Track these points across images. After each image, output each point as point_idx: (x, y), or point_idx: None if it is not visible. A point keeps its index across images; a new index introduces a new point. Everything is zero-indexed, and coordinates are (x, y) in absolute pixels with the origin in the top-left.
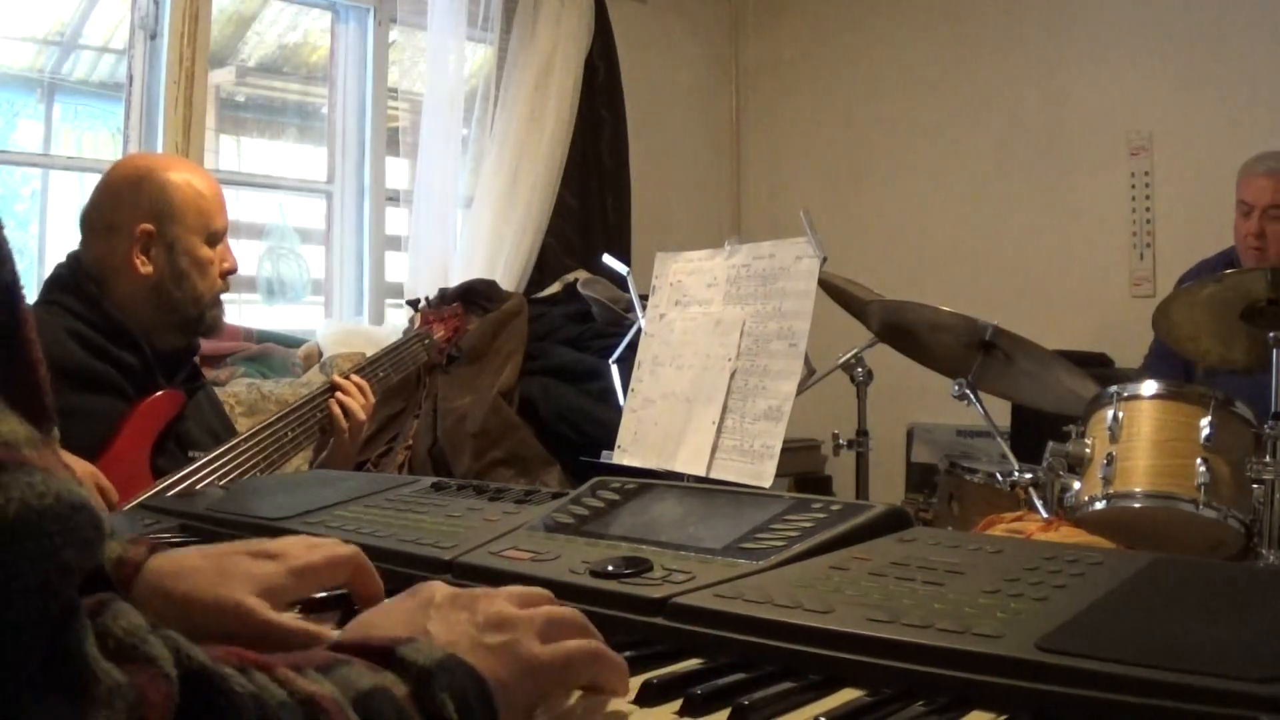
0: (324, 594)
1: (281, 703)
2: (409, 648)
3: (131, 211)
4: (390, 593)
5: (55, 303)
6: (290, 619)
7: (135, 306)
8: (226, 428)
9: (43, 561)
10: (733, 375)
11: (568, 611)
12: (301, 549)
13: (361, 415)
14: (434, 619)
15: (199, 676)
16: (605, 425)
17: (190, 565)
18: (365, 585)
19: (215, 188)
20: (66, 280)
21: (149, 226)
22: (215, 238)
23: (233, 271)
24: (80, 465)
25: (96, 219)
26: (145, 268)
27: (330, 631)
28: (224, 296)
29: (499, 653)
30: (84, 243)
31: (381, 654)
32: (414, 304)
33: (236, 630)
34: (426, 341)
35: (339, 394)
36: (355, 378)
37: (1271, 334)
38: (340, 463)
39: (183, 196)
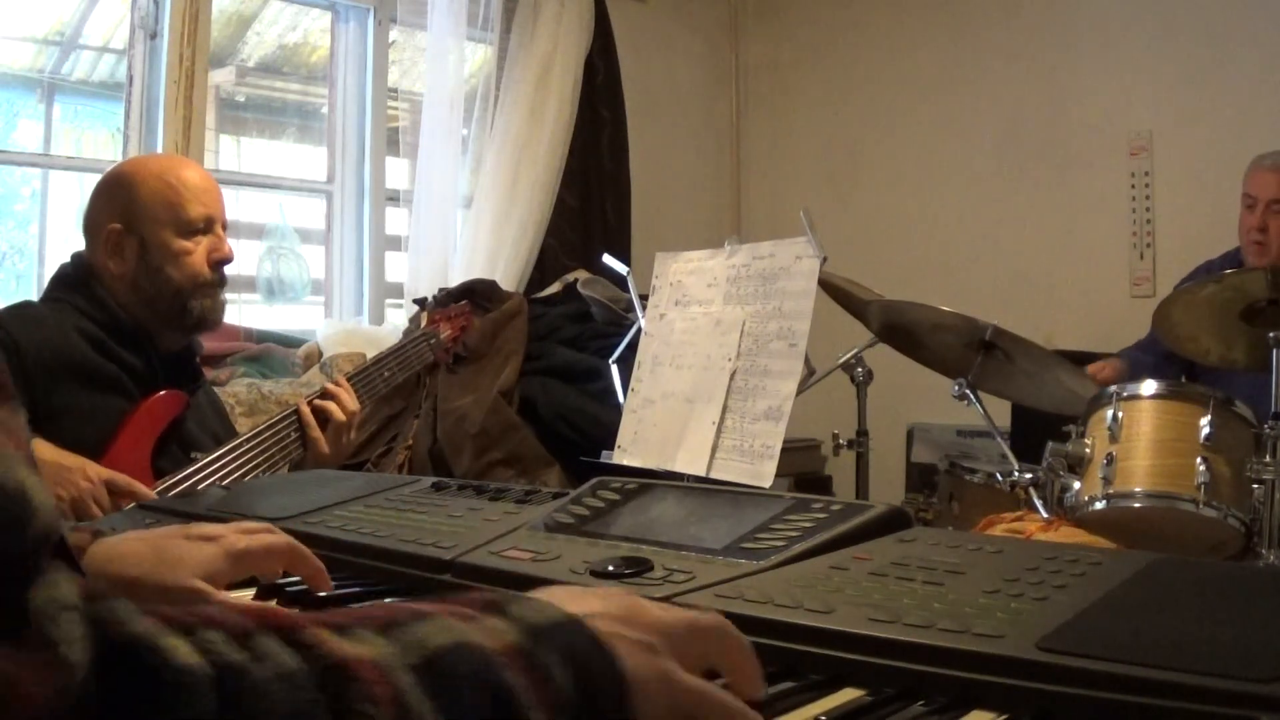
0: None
1: (280, 673)
2: (521, 604)
3: (103, 213)
4: (391, 593)
5: (62, 300)
6: (243, 600)
7: (128, 307)
8: (226, 428)
9: None
10: (733, 375)
11: (719, 645)
12: (237, 534)
13: (340, 417)
14: (590, 599)
15: (126, 653)
16: (605, 425)
17: (130, 550)
18: (303, 568)
19: (197, 180)
20: (71, 278)
21: (116, 225)
22: (190, 227)
23: (226, 260)
24: (90, 467)
25: (85, 223)
26: (119, 267)
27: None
28: (224, 295)
29: (634, 646)
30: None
31: (488, 604)
32: (421, 303)
33: None
34: (433, 341)
35: (317, 400)
36: (338, 379)
37: (1271, 334)
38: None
39: (150, 191)
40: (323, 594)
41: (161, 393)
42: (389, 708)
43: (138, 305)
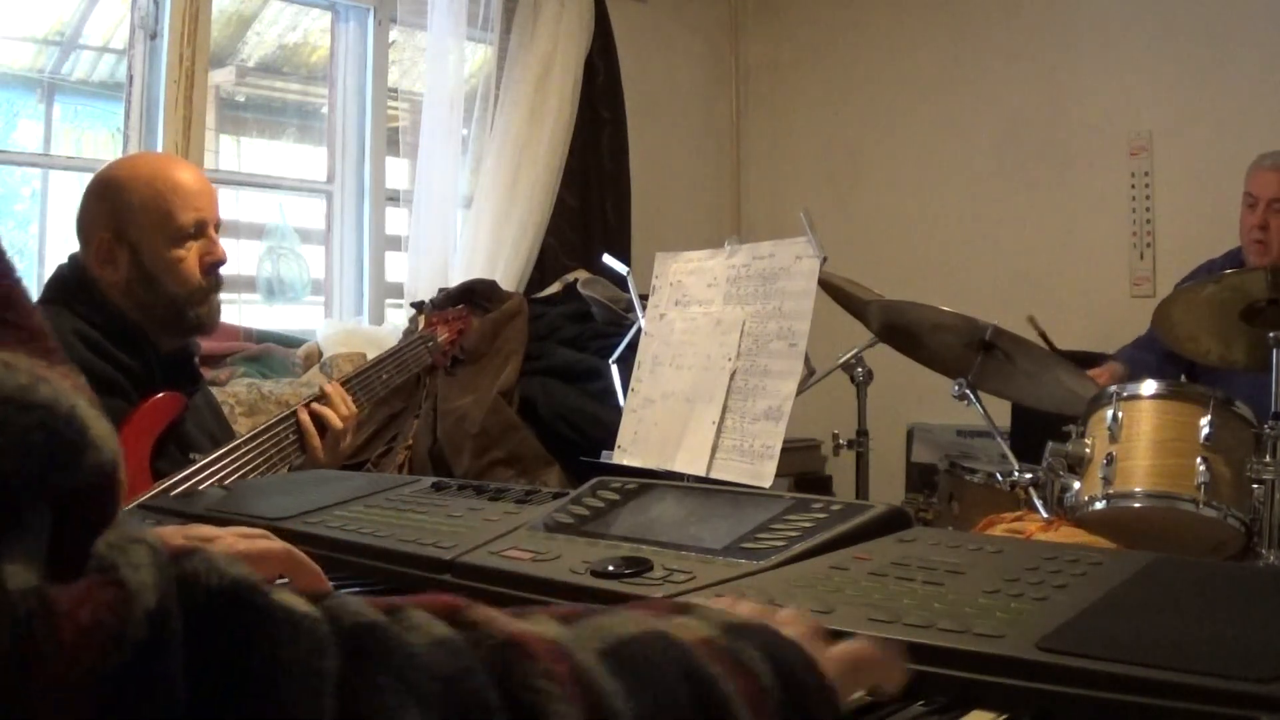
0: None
1: (436, 639)
2: (708, 608)
3: (94, 221)
4: (390, 593)
5: (58, 302)
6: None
7: (124, 310)
8: (225, 430)
9: None
10: (733, 375)
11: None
12: (234, 538)
13: (337, 424)
14: (767, 614)
15: (216, 593)
16: (605, 425)
17: None
18: (301, 576)
19: (190, 183)
20: (67, 280)
21: (106, 235)
22: (181, 235)
23: (219, 263)
24: None
25: (78, 228)
26: (112, 275)
27: None
28: (224, 296)
29: (826, 660)
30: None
31: (674, 608)
32: (418, 306)
33: None
34: (430, 344)
35: (314, 404)
36: (333, 383)
37: (1271, 334)
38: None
39: (140, 199)
40: None
41: (160, 394)
42: (570, 685)
43: (134, 309)
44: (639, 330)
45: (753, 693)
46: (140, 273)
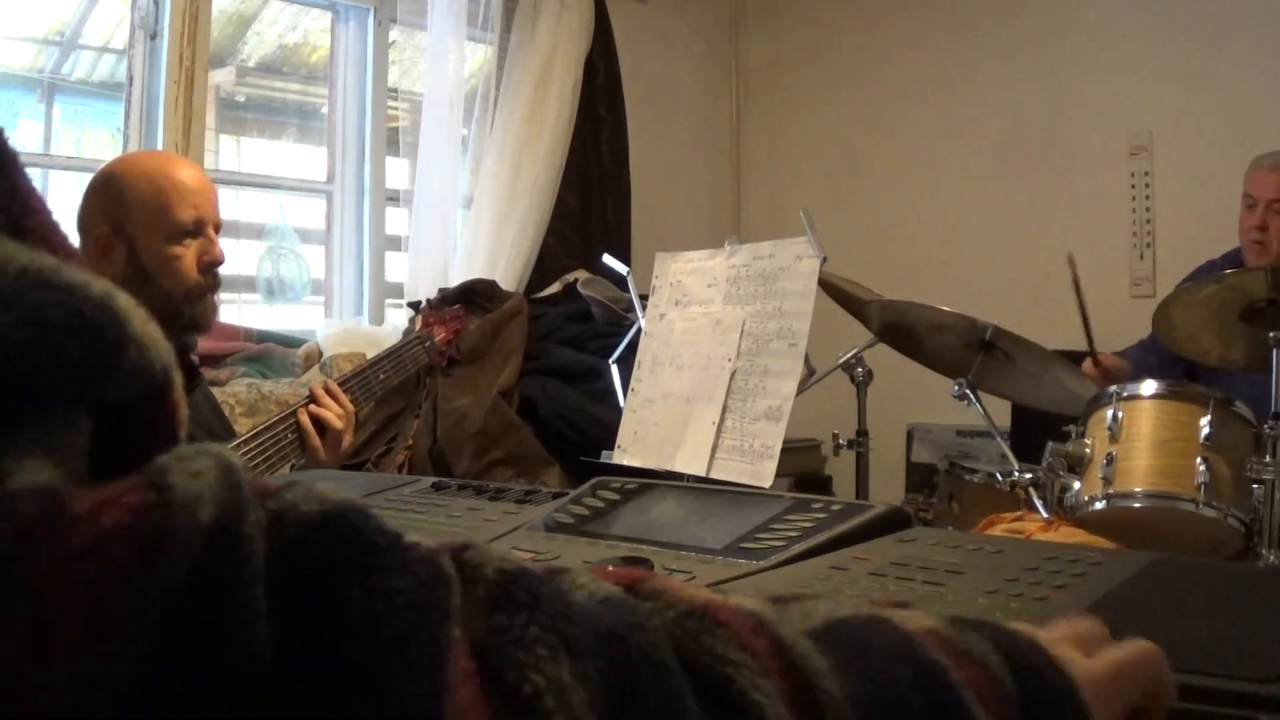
0: None
1: (604, 597)
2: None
3: (93, 215)
4: None
5: None
6: None
7: None
8: (224, 427)
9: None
10: (733, 375)
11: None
12: None
13: (337, 424)
14: None
15: (337, 520)
16: (605, 425)
17: None
18: None
19: (189, 181)
20: None
21: (105, 229)
22: (179, 232)
23: (217, 263)
24: None
25: (77, 223)
26: (109, 270)
27: None
28: (224, 296)
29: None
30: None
31: (894, 601)
32: (415, 306)
33: None
34: (427, 344)
35: (311, 406)
36: (330, 384)
37: (1271, 334)
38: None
39: (138, 194)
40: None
41: None
42: (769, 659)
43: None
44: (639, 330)
45: (984, 685)
46: (136, 269)
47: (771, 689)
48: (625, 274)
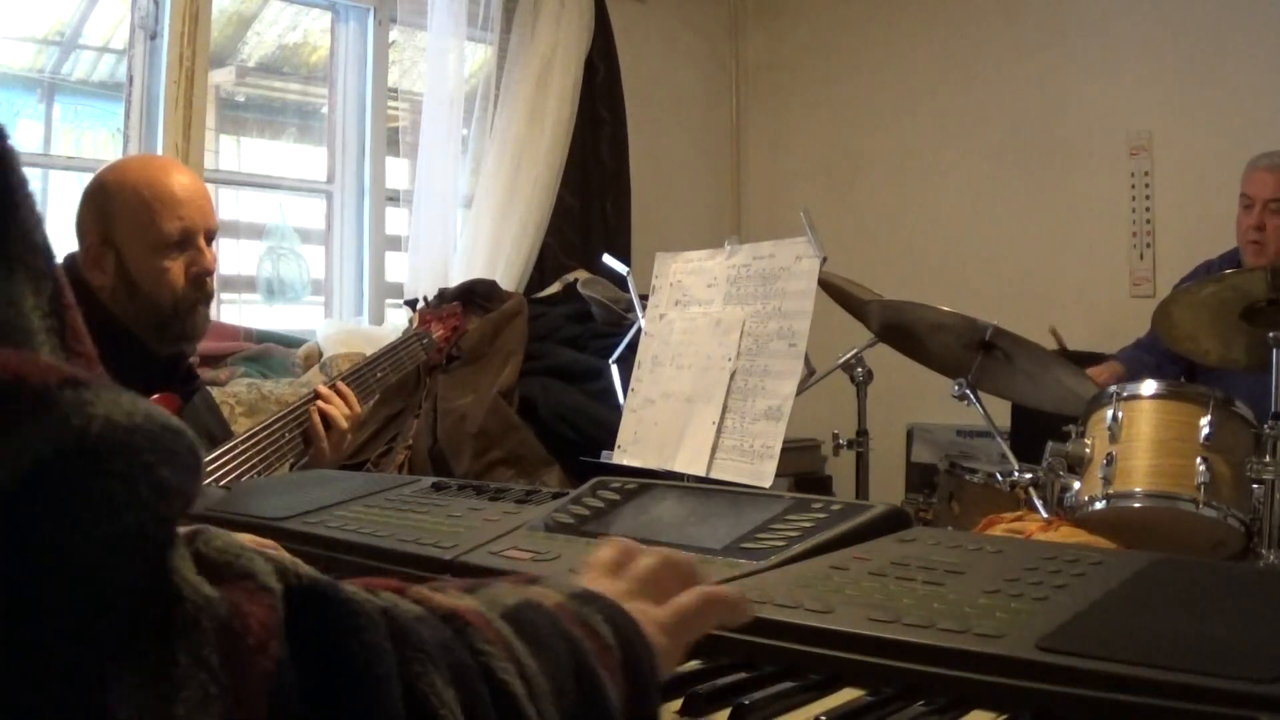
0: None
1: (417, 616)
2: (552, 578)
3: (85, 223)
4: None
5: None
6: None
7: (116, 313)
8: (223, 429)
9: (136, 480)
10: (733, 375)
11: (655, 563)
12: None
13: (343, 424)
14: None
15: (310, 590)
16: (605, 425)
17: None
18: None
19: (179, 191)
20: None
21: (95, 238)
22: (164, 243)
23: (206, 273)
24: None
25: (75, 228)
26: (100, 279)
27: None
28: (224, 296)
29: (639, 617)
30: None
31: (523, 579)
32: (412, 304)
33: None
34: (425, 341)
35: (319, 402)
36: (340, 385)
37: (1271, 334)
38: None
39: (125, 207)
40: None
41: (154, 396)
42: (501, 648)
43: (123, 314)
44: (639, 330)
45: (602, 652)
46: (125, 279)
47: (512, 670)
48: (625, 274)
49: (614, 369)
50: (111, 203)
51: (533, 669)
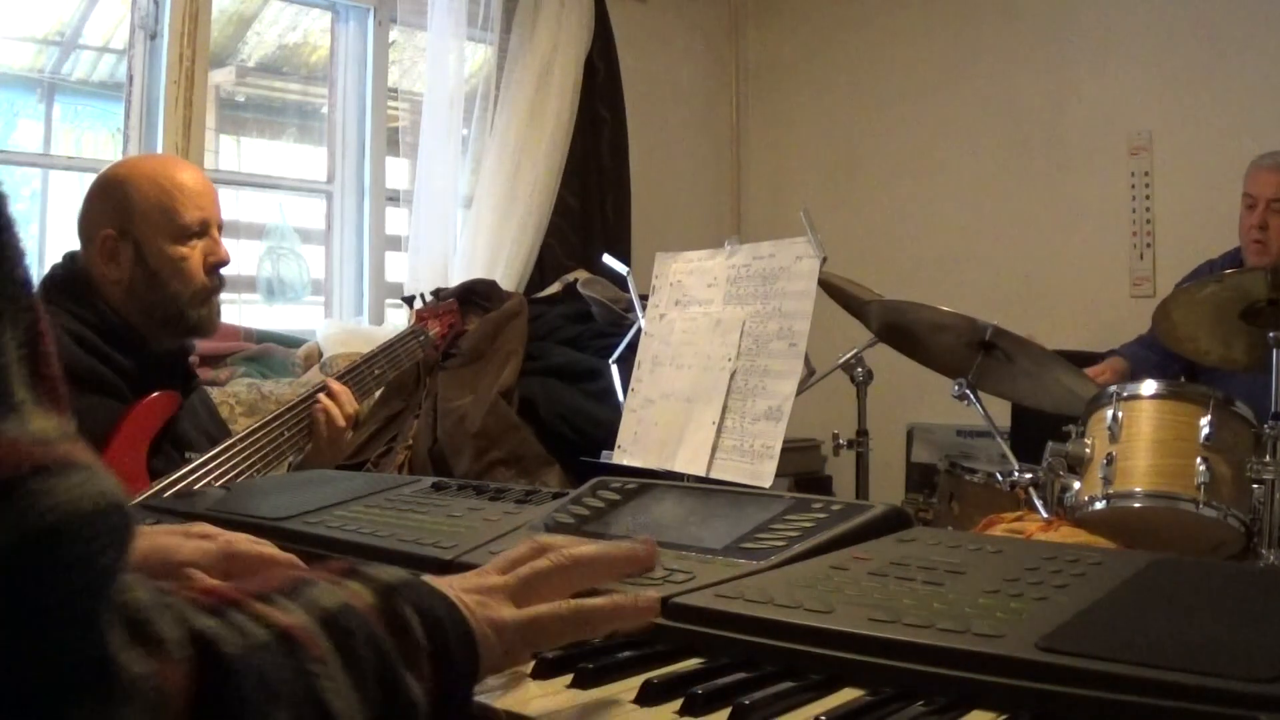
0: None
1: (263, 644)
2: (372, 567)
3: (97, 218)
4: None
5: (51, 303)
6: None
7: (122, 310)
8: (220, 428)
9: (85, 568)
10: (733, 375)
11: (547, 567)
12: (242, 539)
13: (341, 422)
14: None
15: (203, 648)
16: (605, 425)
17: None
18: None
19: (193, 183)
20: (62, 280)
21: (110, 231)
22: (186, 232)
23: (222, 264)
24: None
25: (79, 226)
26: (115, 273)
27: None
28: (224, 296)
29: (471, 608)
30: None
31: (343, 571)
32: (409, 301)
33: None
34: (422, 338)
35: (323, 397)
36: (334, 383)
37: (1271, 334)
38: (318, 467)
39: (144, 197)
40: None
41: (155, 394)
42: (324, 665)
43: (132, 310)
44: (639, 330)
45: (408, 648)
46: (143, 271)
47: (331, 686)
48: (625, 274)
49: (614, 369)
50: (129, 195)
51: (346, 682)
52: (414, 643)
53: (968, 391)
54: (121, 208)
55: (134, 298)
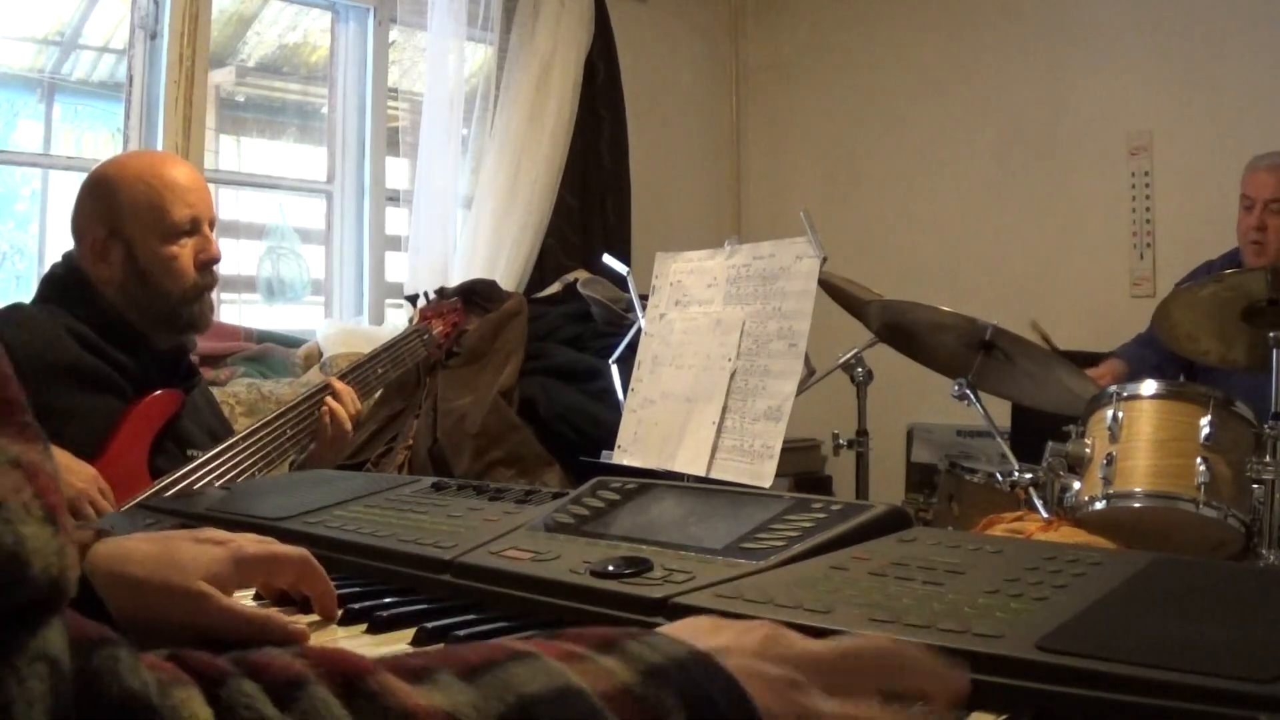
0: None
1: None
2: (641, 641)
3: (88, 219)
4: (390, 593)
5: (53, 301)
6: (248, 606)
7: (119, 308)
8: (223, 426)
9: None
10: (733, 375)
11: (882, 665)
12: (249, 541)
13: (347, 424)
14: (725, 631)
15: (112, 713)
16: (605, 425)
17: (135, 549)
18: (313, 585)
19: (183, 179)
20: (61, 280)
21: (101, 231)
22: (175, 231)
23: (214, 261)
24: (83, 469)
25: (71, 226)
26: (107, 272)
27: (299, 621)
28: (224, 296)
29: (772, 684)
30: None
31: (603, 642)
32: (413, 299)
33: (191, 616)
34: (425, 337)
35: (330, 399)
36: (337, 382)
37: (1271, 334)
38: (321, 466)
39: (132, 197)
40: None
41: (157, 392)
42: None
43: (129, 308)
44: (639, 330)
45: None
46: (134, 270)
47: None
48: (625, 274)
49: (614, 369)
50: (117, 195)
51: None
52: None
53: (968, 391)
54: (111, 208)
55: (128, 297)
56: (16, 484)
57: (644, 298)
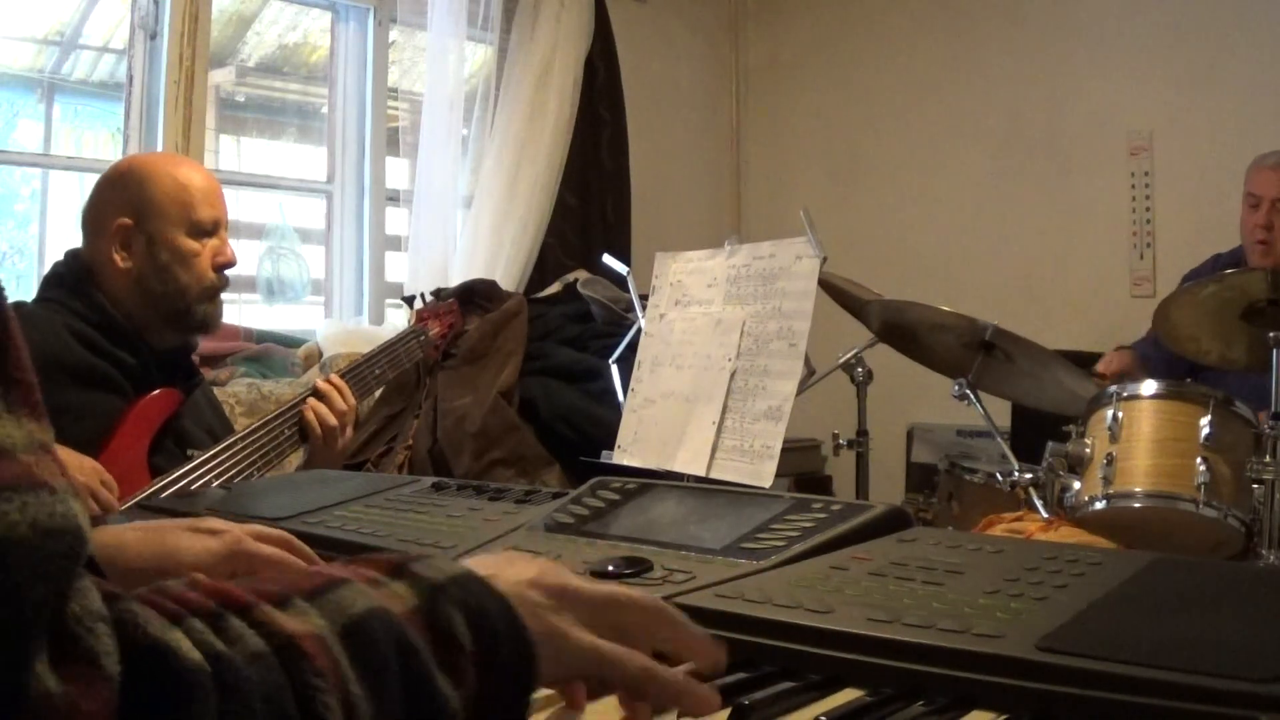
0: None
1: (254, 654)
2: (425, 563)
3: (112, 207)
4: None
5: (53, 300)
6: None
7: (126, 304)
8: (224, 426)
9: (10, 601)
10: (733, 375)
11: (636, 603)
12: (254, 530)
13: (332, 421)
14: (511, 564)
15: (149, 657)
16: (605, 425)
17: (132, 540)
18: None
19: (205, 182)
20: (64, 277)
21: (126, 220)
22: (199, 229)
23: (229, 264)
24: (85, 462)
25: (86, 217)
26: (125, 263)
27: None
28: (225, 295)
29: (534, 607)
30: (82, 241)
31: (392, 567)
32: (410, 300)
33: None
34: (422, 338)
35: (311, 400)
36: (334, 379)
37: (1271, 334)
38: (322, 466)
39: (162, 189)
40: None
41: (157, 390)
42: (332, 679)
43: (137, 303)
44: (639, 330)
45: (453, 659)
46: (154, 263)
47: (335, 703)
48: (625, 274)
49: (614, 369)
50: (145, 186)
51: (358, 695)
52: (456, 647)
53: (968, 391)
54: (138, 198)
55: (140, 290)
56: (50, 467)
57: (644, 298)
